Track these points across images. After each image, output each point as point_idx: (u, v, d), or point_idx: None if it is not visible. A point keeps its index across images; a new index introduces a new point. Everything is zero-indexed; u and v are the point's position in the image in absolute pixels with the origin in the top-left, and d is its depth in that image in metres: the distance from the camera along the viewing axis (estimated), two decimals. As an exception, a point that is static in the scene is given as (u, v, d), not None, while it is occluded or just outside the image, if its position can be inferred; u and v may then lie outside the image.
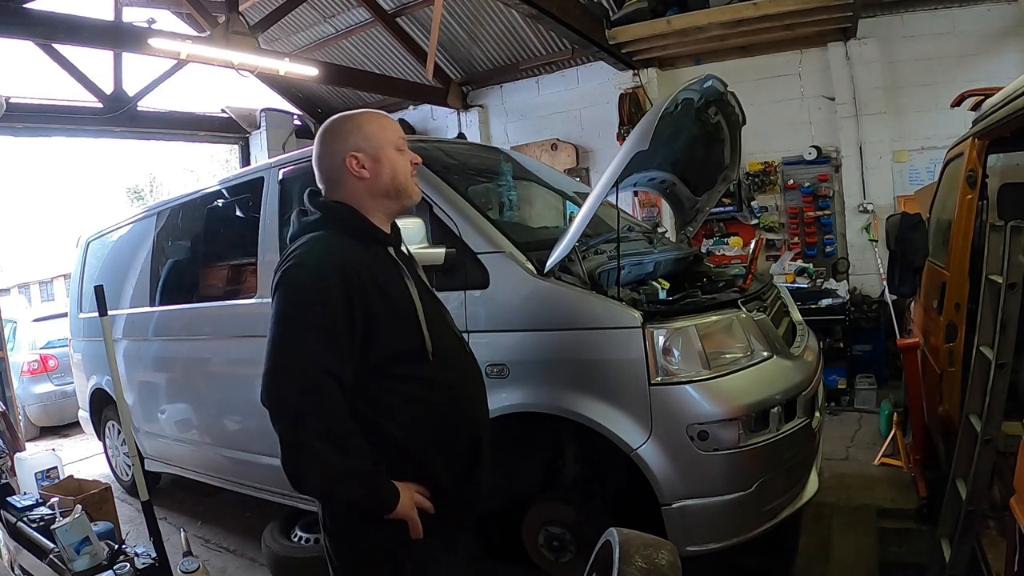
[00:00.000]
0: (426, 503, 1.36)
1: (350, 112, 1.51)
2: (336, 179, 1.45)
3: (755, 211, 5.94)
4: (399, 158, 1.47)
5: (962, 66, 5.02)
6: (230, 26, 4.75)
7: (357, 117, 1.49)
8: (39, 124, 6.06)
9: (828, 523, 2.94)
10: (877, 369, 4.93)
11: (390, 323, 1.35)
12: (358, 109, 1.54)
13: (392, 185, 1.46)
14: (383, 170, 1.44)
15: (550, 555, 2.47)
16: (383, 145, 1.45)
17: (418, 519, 1.34)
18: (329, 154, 1.45)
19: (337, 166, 1.44)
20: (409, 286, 1.42)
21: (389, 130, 1.48)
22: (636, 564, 0.83)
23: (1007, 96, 2.26)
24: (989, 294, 1.90)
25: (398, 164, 1.46)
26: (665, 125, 2.36)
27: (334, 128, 1.47)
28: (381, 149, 1.44)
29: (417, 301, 1.40)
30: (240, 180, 3.50)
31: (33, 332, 7.32)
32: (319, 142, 1.48)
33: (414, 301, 1.40)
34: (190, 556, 2.42)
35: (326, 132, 1.48)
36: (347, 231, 1.41)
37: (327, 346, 1.27)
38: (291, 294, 1.31)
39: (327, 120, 1.52)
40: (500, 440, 2.38)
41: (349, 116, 1.49)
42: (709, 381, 2.12)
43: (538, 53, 6.80)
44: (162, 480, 4.41)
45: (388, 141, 1.46)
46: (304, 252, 1.35)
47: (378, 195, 1.45)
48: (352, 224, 1.42)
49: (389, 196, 1.46)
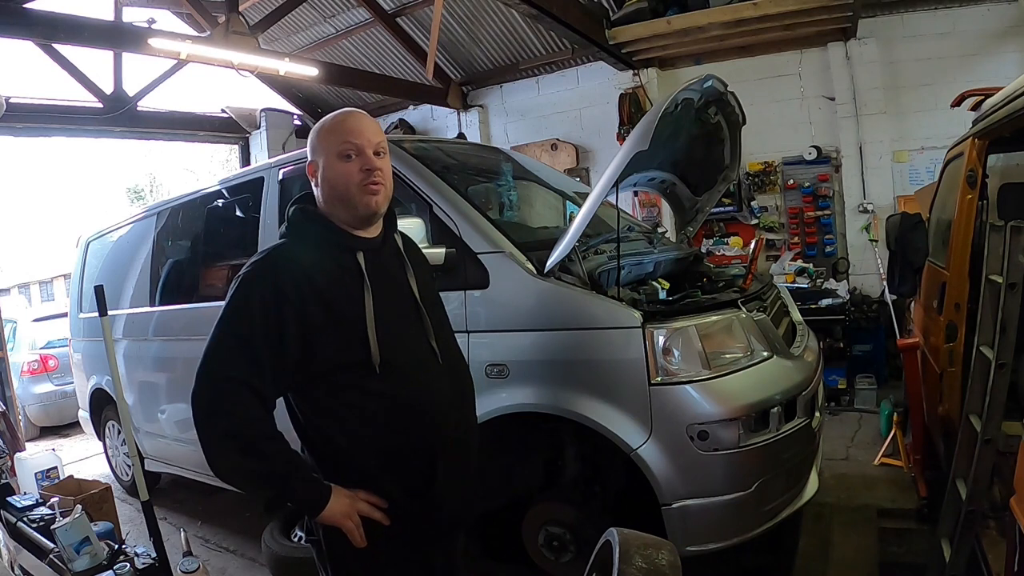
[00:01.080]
0: (375, 513, 1.36)
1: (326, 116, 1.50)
2: (313, 183, 1.47)
3: (755, 211, 5.94)
4: (341, 166, 1.40)
5: (962, 66, 5.02)
6: (230, 26, 4.76)
7: (319, 124, 1.48)
8: (39, 124, 6.06)
9: (828, 523, 2.94)
10: (877, 369, 4.93)
11: (331, 334, 1.34)
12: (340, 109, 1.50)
13: (336, 195, 1.41)
14: (326, 179, 1.42)
15: (550, 555, 2.47)
16: (325, 153, 1.42)
17: (355, 528, 1.33)
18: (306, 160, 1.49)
19: (307, 171, 1.48)
20: (366, 296, 1.37)
21: (334, 135, 1.42)
22: (636, 564, 0.83)
23: (1007, 96, 2.26)
24: (989, 294, 1.90)
25: (339, 173, 1.40)
26: (665, 125, 2.36)
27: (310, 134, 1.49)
28: (323, 157, 1.42)
29: (370, 312, 1.36)
30: (240, 180, 3.51)
31: (33, 332, 7.32)
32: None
33: (365, 310, 1.36)
34: (190, 556, 2.42)
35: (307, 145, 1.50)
36: (308, 240, 1.42)
37: (240, 356, 1.31)
38: (226, 303, 1.35)
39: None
40: (501, 440, 2.40)
41: (319, 122, 1.49)
42: (709, 381, 2.12)
43: (538, 53, 6.80)
44: (162, 480, 4.41)
45: (329, 150, 1.41)
46: (252, 264, 1.39)
47: (335, 203, 1.42)
48: (312, 233, 1.43)
49: (341, 203, 1.42)
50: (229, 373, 1.31)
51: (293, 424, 1.45)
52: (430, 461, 1.41)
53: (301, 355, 1.33)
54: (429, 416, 1.42)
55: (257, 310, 1.32)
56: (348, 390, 1.37)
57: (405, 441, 1.40)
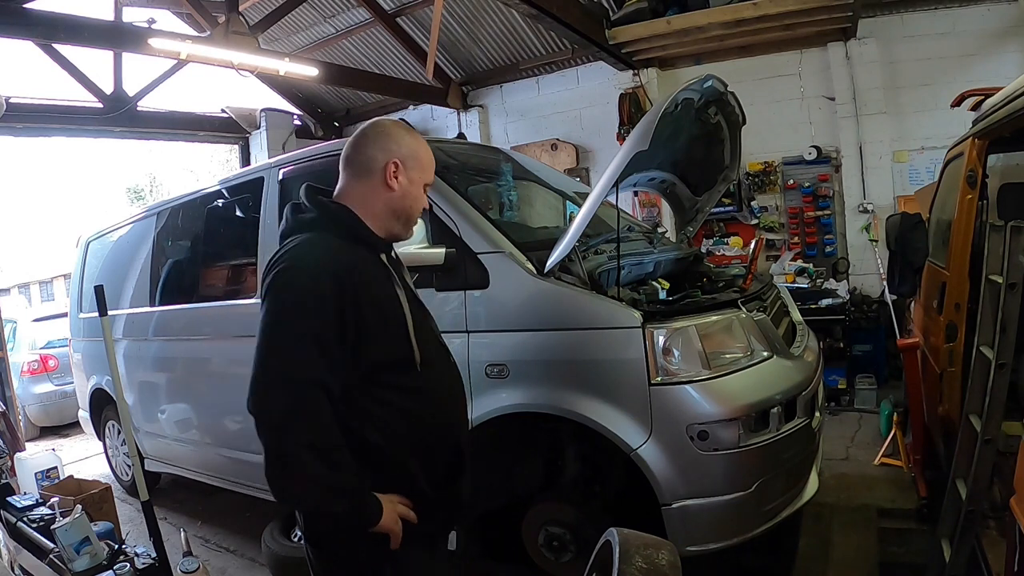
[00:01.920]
0: (410, 514, 1.34)
1: (411, 127, 1.55)
2: (365, 172, 1.42)
3: (755, 211, 5.94)
4: (421, 193, 1.48)
5: (962, 66, 5.02)
6: (230, 26, 4.75)
7: (417, 136, 1.50)
8: (39, 124, 6.06)
9: (828, 523, 2.94)
10: (877, 369, 4.93)
11: (380, 332, 1.33)
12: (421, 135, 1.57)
13: (406, 212, 1.46)
14: (409, 193, 1.44)
15: (550, 555, 2.47)
16: (424, 175, 1.47)
17: (400, 531, 1.32)
18: (375, 147, 1.42)
19: (376, 161, 1.42)
20: (399, 294, 1.39)
21: (430, 165, 1.49)
22: (636, 564, 0.83)
23: (1007, 96, 2.26)
24: (989, 294, 1.90)
25: (421, 199, 1.48)
26: (665, 125, 2.36)
27: (391, 131, 1.46)
28: (421, 176, 1.46)
29: (407, 309, 1.38)
30: (240, 180, 3.51)
31: (33, 332, 7.32)
32: (369, 134, 1.45)
33: (404, 309, 1.37)
34: (190, 556, 2.42)
35: (381, 129, 1.46)
36: (341, 234, 1.37)
37: (318, 356, 1.24)
38: (284, 299, 1.27)
39: (384, 119, 1.53)
40: (501, 440, 2.40)
41: (409, 130, 1.51)
42: (709, 381, 2.12)
43: (538, 53, 6.80)
44: (162, 480, 4.41)
45: (428, 175, 1.49)
46: (297, 254, 1.31)
47: (390, 211, 1.43)
48: (348, 226, 1.39)
49: (398, 218, 1.45)
50: (307, 375, 1.23)
51: None
52: (457, 452, 1.46)
53: (351, 353, 1.29)
54: (455, 410, 1.51)
55: (328, 305, 1.25)
56: (388, 389, 1.35)
57: (439, 435, 1.43)
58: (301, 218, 1.40)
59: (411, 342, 1.36)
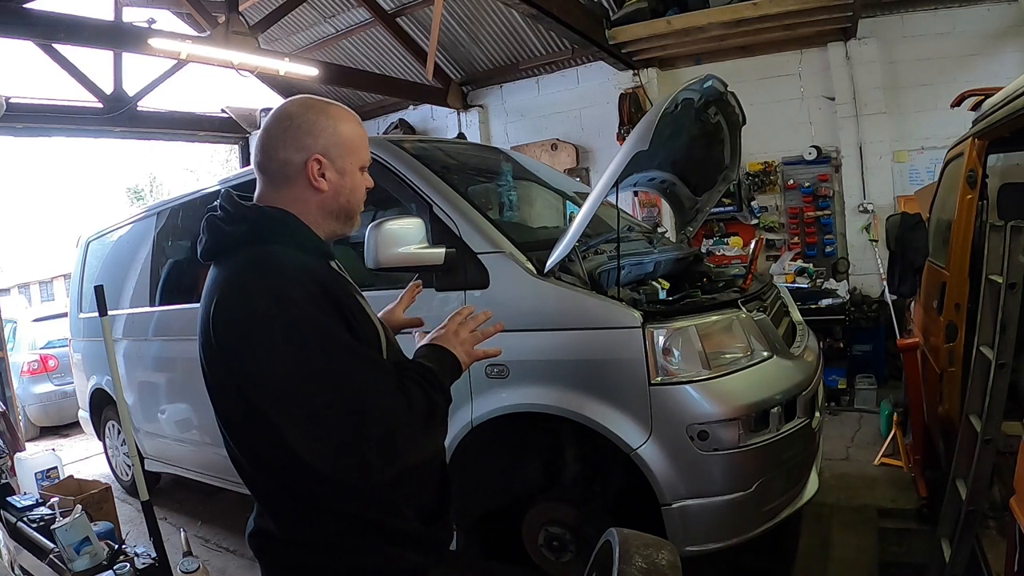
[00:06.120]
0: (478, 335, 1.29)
1: (322, 101, 1.20)
2: (286, 178, 1.16)
3: (755, 211, 5.94)
4: (361, 180, 1.22)
5: (962, 66, 5.02)
6: (230, 26, 4.75)
7: (334, 112, 1.19)
8: (39, 124, 6.08)
9: (828, 523, 2.94)
10: (877, 369, 4.93)
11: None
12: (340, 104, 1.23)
13: (345, 208, 1.21)
14: (343, 187, 1.19)
15: (550, 555, 2.47)
16: (357, 157, 1.20)
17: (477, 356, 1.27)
18: (287, 148, 1.15)
19: (293, 164, 1.15)
20: (365, 306, 1.19)
21: (365, 144, 1.22)
22: (636, 564, 0.83)
23: (1007, 96, 2.26)
24: (989, 294, 1.90)
25: (359, 186, 1.22)
26: (665, 125, 2.36)
27: (304, 117, 1.16)
28: (353, 161, 1.19)
29: (376, 322, 1.21)
30: (240, 180, 3.50)
31: (33, 332, 7.32)
32: (274, 133, 1.16)
33: (375, 323, 1.20)
34: (190, 556, 2.42)
35: (288, 122, 1.16)
36: (288, 243, 1.13)
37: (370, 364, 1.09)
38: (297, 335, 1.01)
39: (294, 100, 1.20)
40: (501, 440, 2.40)
41: (324, 108, 1.18)
42: (709, 381, 2.12)
43: (538, 53, 6.80)
44: (162, 480, 4.41)
45: (362, 156, 1.22)
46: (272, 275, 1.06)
47: (326, 213, 1.19)
48: (301, 236, 1.15)
49: (337, 217, 1.21)
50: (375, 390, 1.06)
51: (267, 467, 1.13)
52: (442, 478, 1.31)
53: None
54: None
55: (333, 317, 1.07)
56: None
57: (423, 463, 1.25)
58: (235, 232, 1.13)
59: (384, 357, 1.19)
